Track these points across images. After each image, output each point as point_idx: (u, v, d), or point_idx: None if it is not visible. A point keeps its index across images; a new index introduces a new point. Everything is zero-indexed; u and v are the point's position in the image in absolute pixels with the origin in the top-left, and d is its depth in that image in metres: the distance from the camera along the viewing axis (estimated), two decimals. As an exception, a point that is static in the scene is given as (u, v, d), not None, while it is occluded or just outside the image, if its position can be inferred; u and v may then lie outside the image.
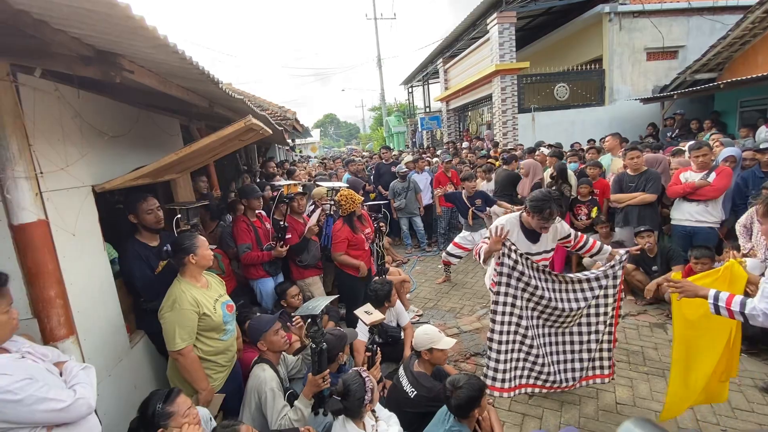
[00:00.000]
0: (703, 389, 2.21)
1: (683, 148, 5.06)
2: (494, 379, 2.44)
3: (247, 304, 3.50)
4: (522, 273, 2.36)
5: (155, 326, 2.20)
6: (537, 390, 2.60)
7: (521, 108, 10.48)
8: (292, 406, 2.22)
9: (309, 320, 2.31)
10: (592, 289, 2.48)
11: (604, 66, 10.74)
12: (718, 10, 10.30)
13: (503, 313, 2.40)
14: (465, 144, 11.94)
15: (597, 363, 2.65)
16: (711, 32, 10.11)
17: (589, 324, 2.56)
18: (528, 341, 2.46)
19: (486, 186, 6.23)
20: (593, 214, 5.02)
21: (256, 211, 3.69)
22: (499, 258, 2.37)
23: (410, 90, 22.24)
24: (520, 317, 2.42)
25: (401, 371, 2.60)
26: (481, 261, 2.53)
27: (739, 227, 3.52)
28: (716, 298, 1.85)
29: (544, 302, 2.42)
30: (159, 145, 3.31)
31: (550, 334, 2.56)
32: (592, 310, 2.56)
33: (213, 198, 4.27)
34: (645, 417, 2.18)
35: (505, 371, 2.44)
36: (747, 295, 1.89)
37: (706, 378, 2.17)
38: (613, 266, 2.50)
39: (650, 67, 10.73)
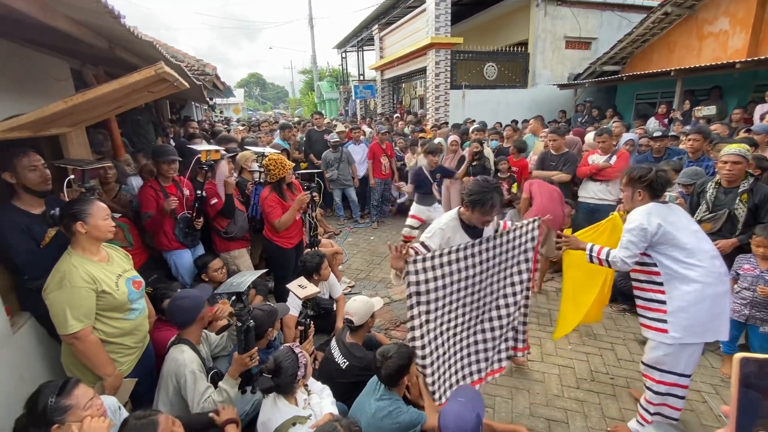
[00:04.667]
0: (585, 314, 2.71)
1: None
2: (434, 396, 2.25)
3: (163, 279, 3.16)
4: (435, 279, 2.10)
5: (44, 307, 1.86)
6: (477, 386, 2.49)
7: (453, 84, 10.69)
8: (216, 386, 2.08)
9: (234, 297, 2.14)
10: (507, 251, 2.39)
11: (529, 50, 11.33)
12: (626, 7, 11.36)
13: (422, 336, 2.16)
14: (397, 115, 11.93)
15: (520, 336, 2.69)
16: (619, 28, 11.17)
17: (506, 296, 2.49)
18: (449, 348, 2.31)
19: (423, 161, 6.28)
20: (514, 190, 5.38)
21: (174, 176, 3.27)
22: (405, 276, 2.06)
23: (344, 55, 21.39)
24: (437, 329, 2.22)
25: (333, 343, 2.57)
26: (392, 276, 2.26)
27: None
28: (591, 249, 2.28)
29: (462, 294, 2.25)
30: (41, 91, 2.73)
31: (477, 324, 2.43)
32: (513, 279, 2.50)
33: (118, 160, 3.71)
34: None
35: (434, 392, 2.28)
36: None
37: (587, 306, 2.66)
38: (528, 224, 2.47)
39: (567, 55, 11.57)
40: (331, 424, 1.51)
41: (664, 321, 2.10)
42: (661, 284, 2.12)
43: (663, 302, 2.11)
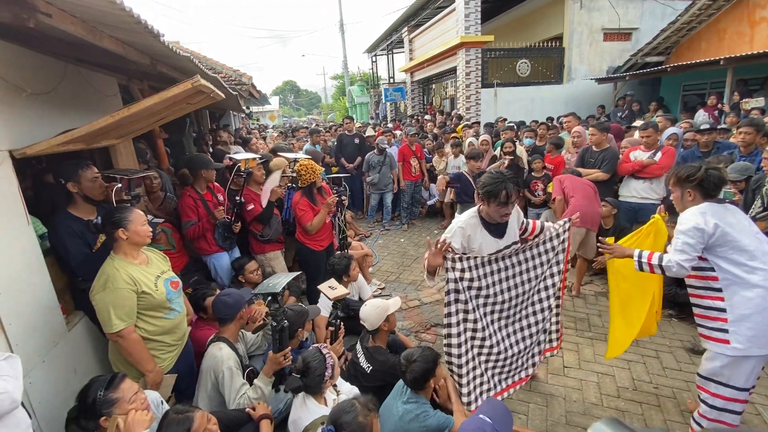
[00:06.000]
0: (640, 328, 2.49)
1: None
2: (468, 404, 2.22)
3: (203, 280, 3.33)
4: (471, 279, 2.08)
5: (95, 306, 2.01)
6: (511, 391, 2.48)
7: (484, 83, 10.50)
8: (252, 384, 2.16)
9: (269, 298, 2.22)
10: (540, 255, 2.35)
11: (564, 44, 10.93)
12: (670, -6, 10.70)
13: (459, 335, 2.14)
14: (428, 117, 11.88)
15: (548, 336, 2.62)
16: (662, 17, 10.53)
17: (540, 300, 2.44)
18: (485, 350, 2.26)
19: (454, 161, 6.24)
20: (549, 189, 5.20)
21: (209, 183, 3.43)
22: (444, 272, 2.07)
23: (374, 59, 21.57)
24: (475, 330, 2.19)
25: (358, 348, 2.59)
26: (425, 276, 2.23)
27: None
28: (639, 256, 2.10)
29: (499, 298, 2.22)
30: (93, 106, 2.95)
31: (508, 325, 2.37)
32: (546, 283, 2.46)
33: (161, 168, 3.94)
34: (615, 417, 2.38)
35: (470, 393, 2.25)
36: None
37: (641, 319, 2.44)
38: (559, 226, 2.41)
39: (606, 48, 11.04)
40: (350, 401, 1.58)
41: (725, 331, 1.94)
42: (719, 290, 1.97)
43: (723, 310, 1.96)
